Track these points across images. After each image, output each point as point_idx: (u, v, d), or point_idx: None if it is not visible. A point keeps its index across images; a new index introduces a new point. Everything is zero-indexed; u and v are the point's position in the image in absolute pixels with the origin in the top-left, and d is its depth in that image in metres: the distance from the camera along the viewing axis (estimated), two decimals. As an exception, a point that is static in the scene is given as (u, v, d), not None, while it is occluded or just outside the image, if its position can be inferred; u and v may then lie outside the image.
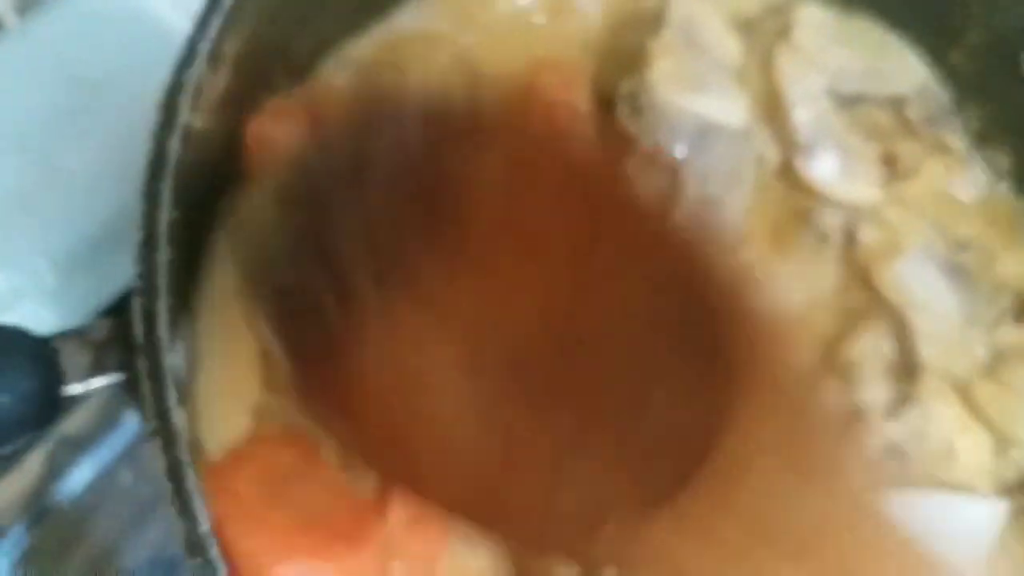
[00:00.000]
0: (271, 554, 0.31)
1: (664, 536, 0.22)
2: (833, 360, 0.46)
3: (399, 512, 0.28)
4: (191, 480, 0.26)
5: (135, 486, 0.51)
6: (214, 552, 0.26)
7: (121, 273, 0.54)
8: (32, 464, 0.50)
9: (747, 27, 0.51)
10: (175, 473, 0.26)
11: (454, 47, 0.44)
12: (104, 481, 0.51)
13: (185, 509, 0.26)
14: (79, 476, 0.51)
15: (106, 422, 0.51)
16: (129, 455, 0.51)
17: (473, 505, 0.24)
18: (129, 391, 0.30)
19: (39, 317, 0.52)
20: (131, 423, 0.52)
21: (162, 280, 0.29)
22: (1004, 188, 0.52)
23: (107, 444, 0.51)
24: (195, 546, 0.26)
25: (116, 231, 0.54)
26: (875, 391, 0.45)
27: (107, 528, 0.50)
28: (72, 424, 0.51)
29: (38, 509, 0.50)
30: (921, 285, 0.48)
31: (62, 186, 0.54)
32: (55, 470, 0.51)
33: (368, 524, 0.34)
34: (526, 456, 0.23)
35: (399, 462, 0.26)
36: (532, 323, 0.23)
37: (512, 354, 0.23)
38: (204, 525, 0.26)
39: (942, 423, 0.45)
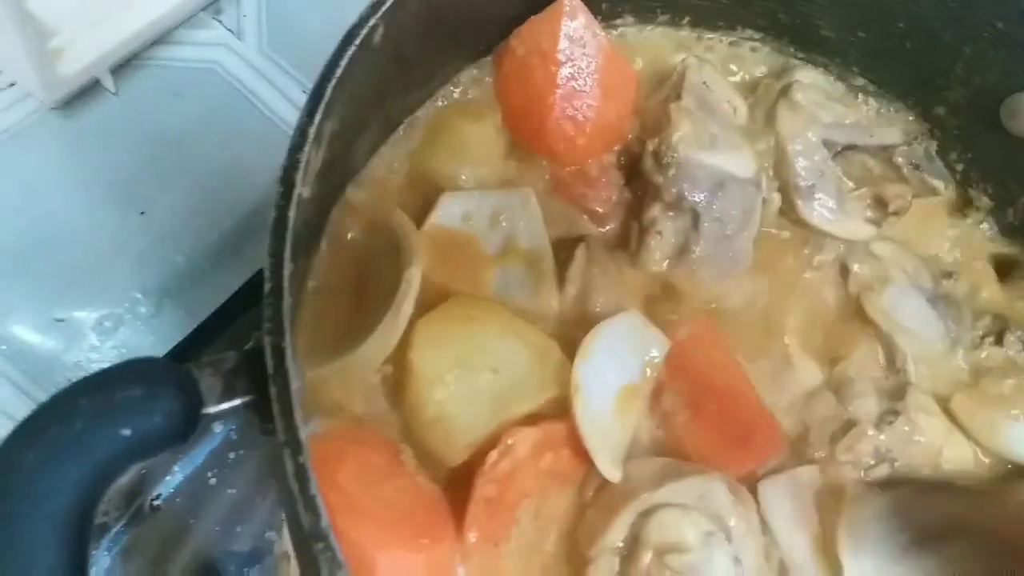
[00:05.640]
0: (373, 543, 0.37)
1: None
2: (831, 375, 0.53)
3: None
4: (314, 482, 0.33)
5: (219, 487, 0.57)
6: (333, 540, 0.32)
7: (205, 302, 0.61)
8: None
9: (752, 89, 0.57)
10: (301, 476, 0.32)
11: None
12: (194, 483, 0.57)
13: (310, 506, 0.32)
14: (171, 479, 0.57)
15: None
16: (214, 460, 0.57)
17: None
18: (255, 411, 0.37)
19: (136, 341, 0.60)
20: (217, 431, 0.58)
21: (287, 322, 0.35)
22: (985, 225, 0.58)
23: (196, 450, 0.57)
24: (318, 536, 0.32)
25: (199, 266, 0.62)
26: (867, 404, 0.51)
27: (196, 525, 0.57)
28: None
29: (135, 509, 0.57)
30: (908, 313, 0.54)
31: (152, 228, 0.62)
32: (150, 474, 0.57)
33: (442, 522, 0.42)
34: None
35: None
36: None
37: None
38: (325, 520, 0.32)
39: (928, 433, 0.51)
